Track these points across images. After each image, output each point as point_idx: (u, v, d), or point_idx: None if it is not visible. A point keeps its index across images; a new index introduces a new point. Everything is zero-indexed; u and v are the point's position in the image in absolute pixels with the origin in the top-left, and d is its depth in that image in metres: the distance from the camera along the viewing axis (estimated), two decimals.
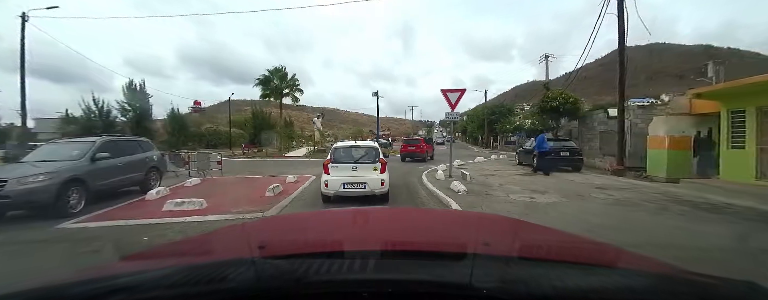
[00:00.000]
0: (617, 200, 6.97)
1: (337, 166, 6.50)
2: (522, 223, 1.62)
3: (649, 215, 5.72)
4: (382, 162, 6.62)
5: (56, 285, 0.69)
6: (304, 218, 1.73)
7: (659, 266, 0.89)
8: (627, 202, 6.74)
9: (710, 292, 0.69)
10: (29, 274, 1.90)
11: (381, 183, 6.35)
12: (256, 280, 0.69)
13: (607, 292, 0.64)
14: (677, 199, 7.03)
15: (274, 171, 13.72)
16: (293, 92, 31.94)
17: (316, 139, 31.59)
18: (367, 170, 6.46)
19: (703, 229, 4.84)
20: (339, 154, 6.76)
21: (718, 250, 3.91)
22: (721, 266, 3.01)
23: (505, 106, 41.16)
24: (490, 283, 0.64)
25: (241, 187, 9.78)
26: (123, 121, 42.32)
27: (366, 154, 6.75)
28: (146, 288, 0.65)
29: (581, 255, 1.01)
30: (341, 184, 6.26)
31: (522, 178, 10.74)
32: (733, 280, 0.68)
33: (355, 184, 6.26)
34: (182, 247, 1.28)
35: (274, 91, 30.98)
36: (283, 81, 31.56)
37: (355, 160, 6.64)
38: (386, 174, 6.56)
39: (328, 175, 6.40)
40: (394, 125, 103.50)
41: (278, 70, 31.35)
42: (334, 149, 7.06)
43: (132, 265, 0.95)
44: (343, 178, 6.31)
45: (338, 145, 7.43)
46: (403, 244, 1.06)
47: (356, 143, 7.42)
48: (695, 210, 5.99)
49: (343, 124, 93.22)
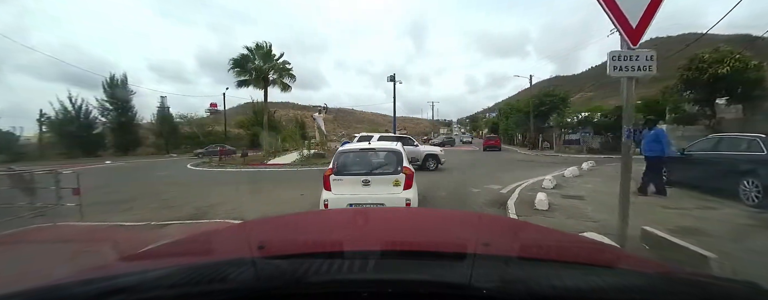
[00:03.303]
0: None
1: (341, 178, 4.69)
2: (522, 223, 1.61)
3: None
4: (406, 173, 4.67)
5: (56, 285, 0.68)
6: (304, 218, 1.64)
7: (659, 266, 0.93)
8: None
9: (710, 292, 0.68)
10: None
11: (406, 204, 4.43)
12: (256, 280, 0.70)
13: (607, 292, 0.64)
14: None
15: (204, 200, 7.85)
16: (282, 78, 22.98)
17: (317, 140, 24.57)
18: (383, 185, 4.65)
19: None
20: (345, 162, 4.89)
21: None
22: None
23: (559, 94, 31.25)
24: (490, 283, 0.64)
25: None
26: (103, 121, 36.38)
27: (383, 162, 4.89)
28: (146, 288, 0.65)
29: (581, 255, 1.00)
30: (347, 204, 4.46)
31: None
32: (734, 280, 0.70)
33: (367, 204, 4.43)
34: (182, 247, 1.20)
35: (256, 76, 22.17)
36: (268, 61, 22.32)
37: (368, 170, 4.81)
38: (413, 191, 4.64)
39: (329, 191, 4.64)
40: (410, 125, 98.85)
41: (260, 48, 22.06)
42: (338, 154, 5.07)
43: (132, 265, 0.96)
44: (350, 197, 4.54)
45: (345, 148, 5.38)
46: (403, 244, 1.05)
47: (370, 145, 5.35)
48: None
49: (359, 124, 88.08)
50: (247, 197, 8.51)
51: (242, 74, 22.40)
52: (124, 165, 21.57)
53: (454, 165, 15.35)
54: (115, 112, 34.59)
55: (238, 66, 22.20)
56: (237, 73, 22.37)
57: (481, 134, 70.29)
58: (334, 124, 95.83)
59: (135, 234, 5.35)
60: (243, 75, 22.41)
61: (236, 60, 22.10)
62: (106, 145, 33.68)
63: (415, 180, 4.88)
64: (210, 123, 46.26)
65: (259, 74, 22.38)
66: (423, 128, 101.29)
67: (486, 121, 76.89)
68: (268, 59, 22.45)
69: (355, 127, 79.71)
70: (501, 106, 52.42)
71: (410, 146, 12.54)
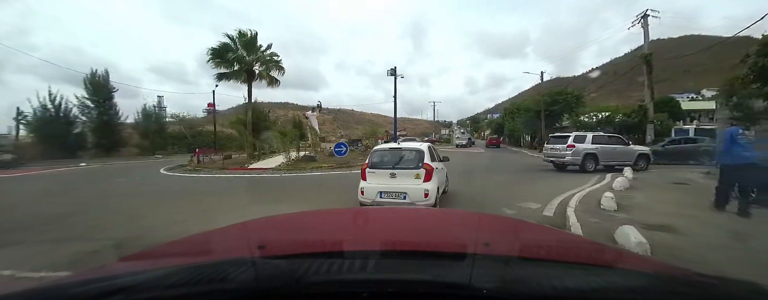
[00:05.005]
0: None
1: (374, 171, 5.85)
2: (522, 223, 1.54)
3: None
4: (426, 168, 5.62)
5: (56, 285, 0.68)
6: (305, 218, 1.63)
7: (659, 266, 0.92)
8: None
9: (711, 292, 0.67)
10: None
11: (424, 194, 5.41)
12: (256, 280, 0.69)
13: (607, 292, 0.63)
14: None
15: (135, 224, 5.80)
16: (269, 71, 20.05)
17: (310, 141, 22.31)
18: (407, 178, 5.65)
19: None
20: (377, 158, 6.06)
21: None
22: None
23: (572, 93, 28.90)
24: (490, 283, 0.63)
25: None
26: (83, 121, 33.80)
27: (407, 159, 5.92)
28: (146, 288, 0.64)
29: (581, 255, 0.99)
30: (378, 192, 5.62)
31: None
32: (734, 280, 0.67)
33: (393, 193, 5.57)
34: (182, 247, 1.18)
35: (239, 68, 19.16)
36: (252, 52, 19.36)
37: (394, 164, 5.85)
38: (433, 183, 5.55)
39: (365, 181, 5.85)
40: (410, 126, 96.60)
41: (243, 35, 19.10)
42: (373, 152, 6.40)
43: (131, 265, 0.95)
44: (380, 186, 5.67)
45: (378, 147, 6.74)
46: (403, 244, 1.05)
47: (398, 145, 6.59)
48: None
49: (359, 124, 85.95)
50: (193, 220, 6.21)
51: (222, 65, 19.39)
52: (96, 168, 19.32)
53: (468, 168, 13.26)
54: (96, 111, 32.28)
55: (218, 56, 19.10)
56: (216, 63, 19.28)
57: (482, 135, 73.02)
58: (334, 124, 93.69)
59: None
60: (223, 66, 19.42)
61: (216, 49, 19.05)
62: (87, 146, 31.43)
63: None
64: (204, 123, 44.02)
65: (242, 66, 19.46)
66: (423, 129, 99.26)
67: (489, 123, 77.70)
68: (253, 49, 19.57)
69: (355, 128, 79.05)
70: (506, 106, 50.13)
71: (621, 145, 12.95)
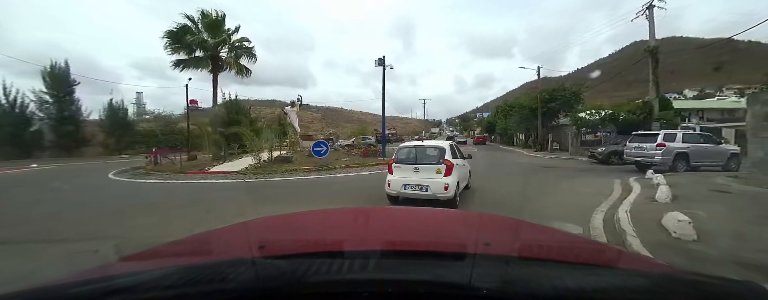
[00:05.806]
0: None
1: (399, 166, 6.41)
2: (522, 223, 1.53)
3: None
4: (447, 164, 6.10)
5: (56, 285, 0.67)
6: (305, 218, 1.62)
7: (659, 267, 0.92)
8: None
9: (710, 292, 0.67)
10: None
11: (444, 187, 5.87)
12: (256, 280, 0.69)
13: (607, 292, 0.63)
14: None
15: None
16: (238, 59, 16.93)
17: (289, 138, 20.08)
18: (429, 172, 6.14)
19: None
20: (403, 154, 6.61)
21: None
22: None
23: (570, 89, 26.48)
24: (490, 283, 0.63)
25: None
26: (40, 117, 30.48)
27: (430, 155, 6.43)
28: (145, 288, 0.64)
29: (581, 255, 0.99)
30: (403, 185, 6.16)
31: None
32: (734, 280, 0.67)
33: (417, 185, 6.07)
34: (182, 247, 1.18)
35: (203, 55, 15.82)
36: (217, 35, 16.06)
37: (417, 160, 6.40)
38: (452, 178, 6.04)
39: (392, 175, 6.39)
40: (400, 124, 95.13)
41: (206, 16, 15.82)
42: (399, 149, 6.88)
43: (131, 266, 0.94)
44: (404, 179, 6.21)
45: (403, 144, 7.19)
46: (403, 244, 1.04)
47: (422, 143, 7.03)
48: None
49: (348, 122, 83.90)
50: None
51: (181, 51, 15.95)
52: (46, 170, 16.87)
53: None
54: (54, 106, 29.26)
55: (176, 40, 15.64)
56: (174, 48, 15.84)
57: (471, 134, 75.00)
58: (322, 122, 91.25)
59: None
60: (183, 52, 15.97)
61: (172, 32, 15.61)
62: (44, 145, 28.45)
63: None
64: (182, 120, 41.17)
65: (205, 52, 16.19)
66: (413, 128, 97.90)
67: (479, 121, 78.14)
68: (218, 32, 16.39)
69: (344, 126, 77.45)
70: (498, 104, 48.63)
71: (712, 144, 11.98)
